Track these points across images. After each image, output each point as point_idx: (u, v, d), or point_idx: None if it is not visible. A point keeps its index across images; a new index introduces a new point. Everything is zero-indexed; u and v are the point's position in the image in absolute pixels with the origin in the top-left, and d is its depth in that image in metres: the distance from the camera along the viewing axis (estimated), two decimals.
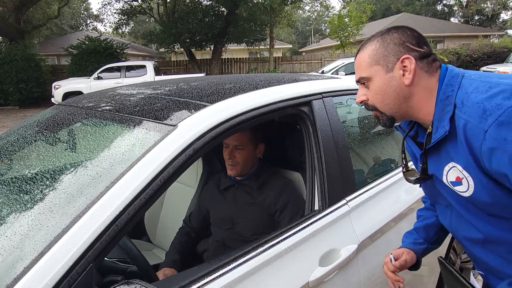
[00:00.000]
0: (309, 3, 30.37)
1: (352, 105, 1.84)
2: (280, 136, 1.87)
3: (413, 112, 1.04)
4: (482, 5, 34.57)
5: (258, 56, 20.09)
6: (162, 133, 1.10)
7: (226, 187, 1.73)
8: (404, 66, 1.01)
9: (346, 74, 13.38)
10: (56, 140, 1.46)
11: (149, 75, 12.45)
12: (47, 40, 27.99)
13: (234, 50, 23.46)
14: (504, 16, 36.82)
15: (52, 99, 12.56)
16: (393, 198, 1.67)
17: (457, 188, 0.99)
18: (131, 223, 0.94)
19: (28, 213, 1.01)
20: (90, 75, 12.91)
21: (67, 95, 12.21)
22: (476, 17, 35.21)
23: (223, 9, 16.70)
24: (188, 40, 16.14)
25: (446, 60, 16.25)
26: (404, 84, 1.01)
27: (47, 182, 1.12)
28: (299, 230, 1.29)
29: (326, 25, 45.23)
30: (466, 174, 0.95)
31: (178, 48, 17.44)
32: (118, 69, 12.84)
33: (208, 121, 1.15)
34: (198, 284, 1.01)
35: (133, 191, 0.95)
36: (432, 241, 1.29)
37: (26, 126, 1.60)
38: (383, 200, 1.61)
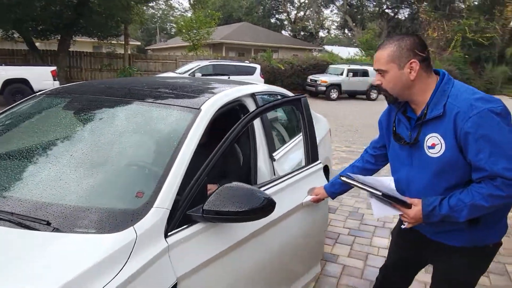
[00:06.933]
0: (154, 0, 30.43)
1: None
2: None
3: (411, 97, 1.47)
4: (306, 23, 41.11)
5: (111, 51, 19.37)
6: (193, 114, 1.85)
7: None
8: (411, 67, 1.41)
9: (202, 75, 14.16)
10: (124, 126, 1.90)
11: None
12: None
13: (80, 43, 21.85)
14: (321, 34, 44.65)
15: None
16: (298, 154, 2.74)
17: (430, 151, 1.44)
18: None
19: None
20: None
21: None
22: (302, 33, 41.54)
23: None
24: (30, 28, 14.49)
25: (282, 68, 19.17)
26: (410, 79, 1.42)
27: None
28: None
29: (171, 24, 45.71)
30: (442, 141, 1.39)
31: (18, 36, 15.41)
32: None
33: (216, 105, 1.93)
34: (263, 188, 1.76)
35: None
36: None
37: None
38: (295, 154, 2.67)
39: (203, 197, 1.45)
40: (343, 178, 1.62)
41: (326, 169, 3.54)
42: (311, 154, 2.26)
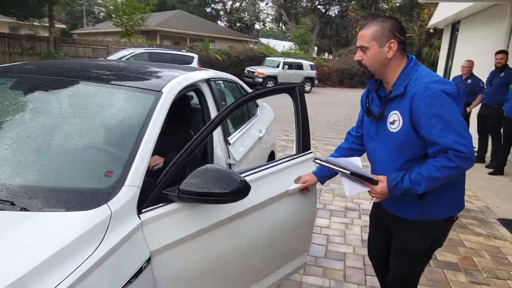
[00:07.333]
0: None
1: (222, 87, 2.91)
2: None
3: (385, 75, 1.65)
4: (242, 14, 41.24)
5: (32, 33, 17.64)
6: (155, 96, 1.86)
7: None
8: (390, 46, 1.58)
9: None
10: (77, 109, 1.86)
11: None
12: None
13: None
14: (257, 26, 45.13)
15: None
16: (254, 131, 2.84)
17: (391, 126, 1.62)
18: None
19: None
20: None
21: None
22: (238, 24, 41.57)
23: None
24: None
25: (220, 58, 19.09)
26: (387, 57, 1.59)
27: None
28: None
29: (100, 8, 43.01)
30: (400, 118, 1.58)
31: None
32: None
33: (177, 88, 1.96)
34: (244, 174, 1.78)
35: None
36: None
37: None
38: (248, 138, 2.78)
39: (181, 177, 1.48)
40: (317, 161, 1.81)
41: (272, 155, 3.70)
42: (303, 143, 2.22)
